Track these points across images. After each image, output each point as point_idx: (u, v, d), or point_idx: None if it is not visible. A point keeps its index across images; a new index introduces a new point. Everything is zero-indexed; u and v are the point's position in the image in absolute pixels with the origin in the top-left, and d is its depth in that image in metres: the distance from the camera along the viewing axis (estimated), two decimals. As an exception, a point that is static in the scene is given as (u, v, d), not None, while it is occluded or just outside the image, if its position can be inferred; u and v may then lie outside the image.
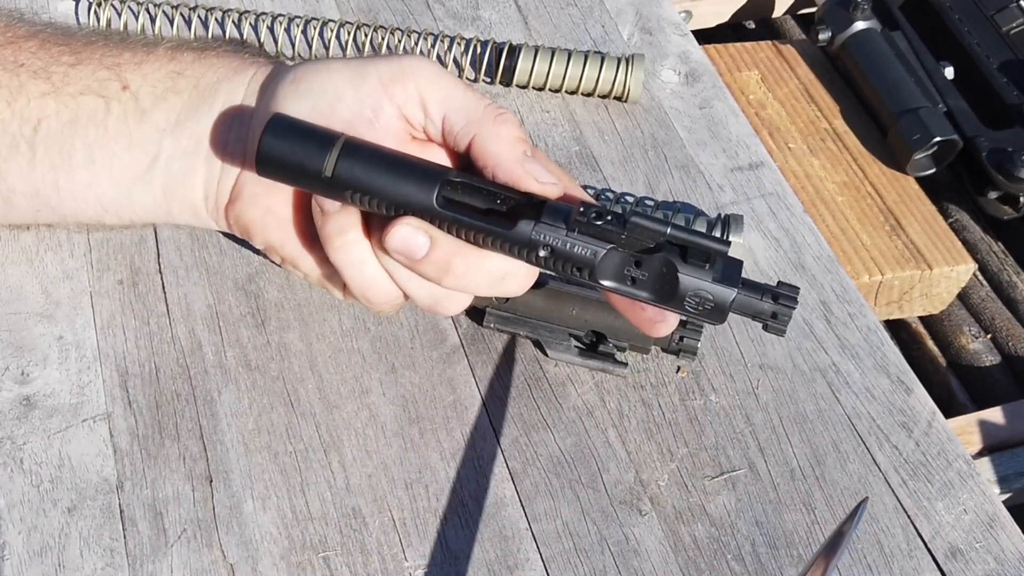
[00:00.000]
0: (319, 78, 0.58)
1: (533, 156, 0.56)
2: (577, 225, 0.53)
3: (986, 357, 1.11)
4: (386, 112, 0.58)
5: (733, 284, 0.54)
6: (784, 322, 0.55)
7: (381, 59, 0.59)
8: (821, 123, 1.17)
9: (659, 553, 0.63)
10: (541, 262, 0.55)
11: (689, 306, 0.54)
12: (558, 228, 0.54)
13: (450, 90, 0.58)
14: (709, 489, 0.67)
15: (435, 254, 0.56)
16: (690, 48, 0.97)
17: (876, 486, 0.67)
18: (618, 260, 0.54)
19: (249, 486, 0.64)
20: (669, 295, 0.54)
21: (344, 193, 0.55)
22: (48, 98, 0.61)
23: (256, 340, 0.71)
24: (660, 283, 0.54)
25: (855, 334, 0.75)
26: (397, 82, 0.57)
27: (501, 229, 0.54)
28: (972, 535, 0.66)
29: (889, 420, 0.71)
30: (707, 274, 0.53)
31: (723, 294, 0.53)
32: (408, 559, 0.62)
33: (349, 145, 0.55)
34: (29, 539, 0.60)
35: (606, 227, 0.53)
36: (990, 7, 1.23)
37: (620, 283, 0.54)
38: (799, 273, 0.79)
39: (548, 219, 0.54)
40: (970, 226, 1.21)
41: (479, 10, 0.97)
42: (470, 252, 0.56)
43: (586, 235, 0.54)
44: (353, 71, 0.58)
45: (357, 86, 0.58)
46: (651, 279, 0.54)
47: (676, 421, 0.70)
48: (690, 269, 0.53)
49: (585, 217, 0.53)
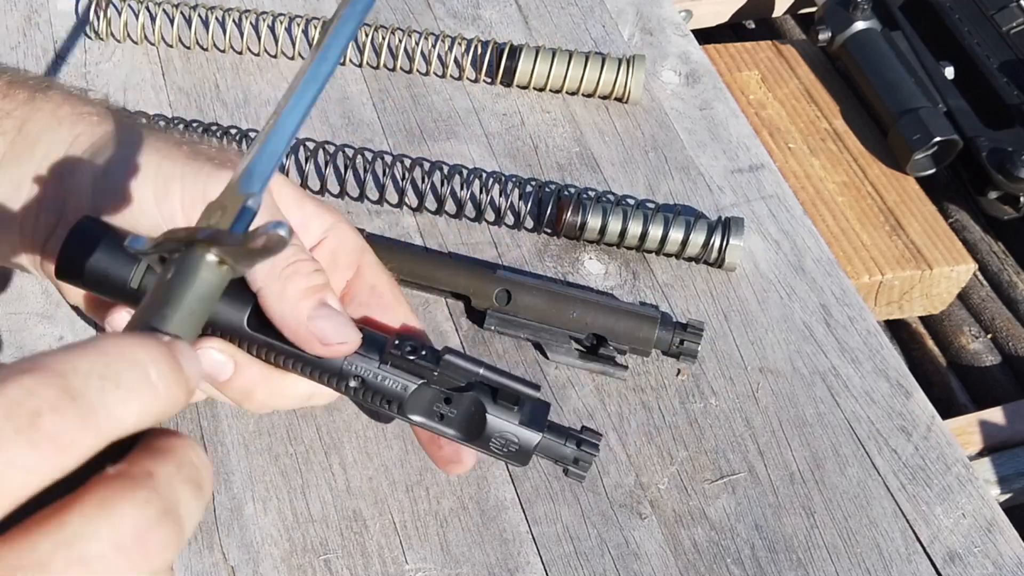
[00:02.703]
0: (129, 184, 0.54)
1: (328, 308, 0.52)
2: (390, 359, 0.53)
3: (986, 357, 1.11)
4: None
5: (539, 428, 0.53)
6: (585, 468, 0.55)
7: (194, 169, 0.54)
8: (821, 123, 1.17)
9: (659, 556, 0.64)
10: (351, 392, 0.53)
11: (494, 447, 0.53)
12: (371, 360, 0.53)
13: None
14: (709, 492, 0.67)
15: (239, 380, 0.54)
16: (690, 49, 0.97)
17: (875, 490, 0.68)
18: (429, 396, 0.53)
19: (250, 488, 0.64)
20: (475, 434, 0.53)
21: None
22: None
23: (257, 342, 0.71)
24: (468, 422, 0.53)
25: (855, 337, 0.75)
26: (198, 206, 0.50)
27: (312, 357, 0.53)
28: (970, 540, 0.66)
29: (888, 424, 0.71)
30: (515, 416, 0.53)
31: (528, 438, 0.53)
32: (409, 562, 0.62)
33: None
34: (30, 541, 0.60)
35: (419, 363, 0.52)
36: (990, 7, 1.23)
37: (428, 419, 0.54)
38: (799, 276, 0.79)
39: (362, 351, 0.53)
40: (970, 226, 1.21)
41: (479, 9, 0.97)
42: (275, 379, 0.54)
43: (398, 368, 0.53)
44: (158, 185, 0.53)
45: (159, 204, 0.54)
46: (459, 417, 0.53)
47: (676, 424, 0.70)
48: (498, 410, 0.53)
49: (399, 351, 0.53)
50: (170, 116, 0.83)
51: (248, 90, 0.87)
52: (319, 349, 0.52)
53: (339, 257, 0.59)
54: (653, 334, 0.70)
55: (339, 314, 0.53)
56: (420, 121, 0.87)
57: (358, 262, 0.59)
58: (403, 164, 0.80)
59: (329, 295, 0.53)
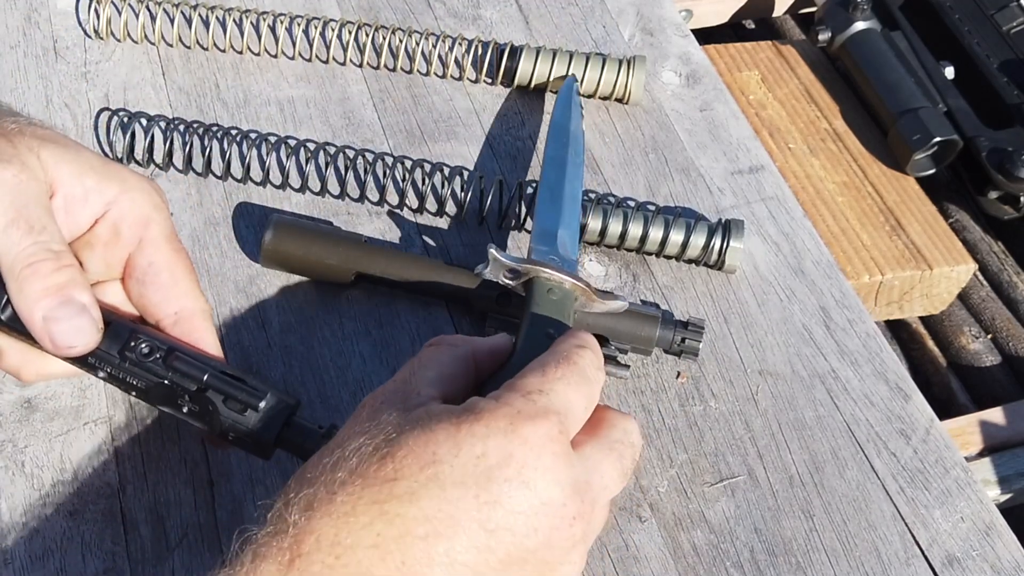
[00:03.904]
0: None
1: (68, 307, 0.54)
2: (127, 358, 0.56)
3: (986, 357, 1.11)
4: None
5: (273, 429, 0.57)
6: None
7: None
8: (821, 123, 1.17)
9: (659, 560, 0.64)
10: (105, 380, 0.58)
11: (236, 442, 0.58)
12: (112, 357, 0.57)
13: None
14: (708, 496, 0.67)
15: (4, 363, 0.58)
16: (691, 49, 0.97)
17: (874, 493, 0.68)
18: (169, 393, 0.57)
19: (251, 490, 0.64)
20: (215, 429, 0.57)
21: None
22: None
23: (257, 343, 0.71)
24: (207, 418, 0.57)
25: (854, 340, 0.76)
26: None
27: None
28: (969, 543, 0.66)
29: (887, 427, 0.71)
30: (247, 419, 0.57)
31: (263, 436, 0.57)
32: (408, 565, 0.62)
33: None
34: (31, 542, 0.61)
35: (152, 365, 0.56)
36: (990, 7, 1.23)
37: (175, 411, 0.57)
38: (799, 278, 0.79)
39: (104, 347, 0.56)
40: (970, 226, 1.21)
41: (480, 9, 0.97)
42: (37, 360, 0.58)
43: (136, 367, 0.57)
44: None
45: None
46: (200, 413, 0.57)
47: (676, 427, 0.70)
48: (230, 413, 0.57)
49: (134, 352, 0.56)
50: (170, 116, 0.83)
51: (248, 90, 0.87)
52: (50, 349, 0.55)
53: (121, 230, 0.59)
54: (655, 333, 0.71)
55: (78, 314, 0.55)
56: (420, 122, 0.87)
57: (140, 236, 0.59)
58: (403, 165, 0.80)
59: (76, 291, 0.54)
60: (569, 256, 0.68)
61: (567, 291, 0.63)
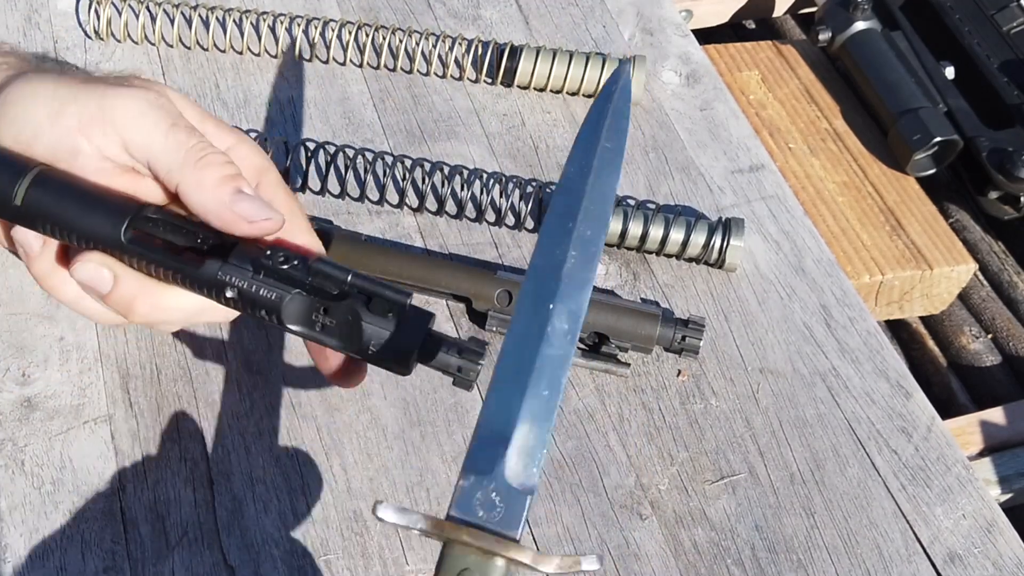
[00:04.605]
0: (23, 106, 0.55)
1: (244, 194, 0.54)
2: (263, 268, 0.53)
3: (986, 357, 1.11)
4: (84, 153, 0.54)
5: (417, 335, 0.53)
6: (470, 376, 0.54)
7: (88, 91, 0.55)
8: (821, 123, 1.17)
9: (659, 557, 0.64)
10: (230, 303, 0.54)
11: (374, 353, 0.53)
12: (244, 270, 0.53)
13: (150, 134, 0.54)
14: (709, 493, 0.67)
15: (117, 292, 0.54)
16: (691, 49, 0.97)
17: (875, 491, 0.68)
18: (306, 306, 0.53)
19: (250, 489, 0.64)
20: (354, 342, 0.53)
21: (36, 224, 0.54)
22: None
23: (258, 342, 0.71)
24: (346, 330, 0.53)
25: (855, 338, 0.75)
26: (96, 124, 0.54)
27: (187, 268, 0.53)
28: (971, 540, 0.66)
29: (889, 425, 0.71)
30: (390, 323, 0.53)
31: (408, 343, 0.53)
32: (409, 563, 0.62)
33: (42, 175, 0.53)
34: (31, 541, 0.61)
35: (291, 272, 0.53)
36: (990, 7, 1.23)
37: (308, 328, 0.53)
38: (799, 276, 0.79)
39: (235, 260, 0.53)
40: (970, 226, 1.21)
41: (480, 9, 0.97)
42: (155, 291, 0.55)
43: (272, 279, 0.53)
44: (54, 104, 0.54)
45: (55, 123, 0.54)
46: (338, 326, 0.53)
47: (676, 425, 0.70)
48: (374, 318, 0.53)
49: (271, 260, 0.53)
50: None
51: (248, 90, 0.87)
52: (246, 228, 0.53)
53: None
54: (655, 331, 0.70)
55: (257, 198, 0.54)
56: (420, 121, 0.87)
57: (258, 180, 0.59)
58: (403, 165, 0.80)
59: (243, 183, 0.54)
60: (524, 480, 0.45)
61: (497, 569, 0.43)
